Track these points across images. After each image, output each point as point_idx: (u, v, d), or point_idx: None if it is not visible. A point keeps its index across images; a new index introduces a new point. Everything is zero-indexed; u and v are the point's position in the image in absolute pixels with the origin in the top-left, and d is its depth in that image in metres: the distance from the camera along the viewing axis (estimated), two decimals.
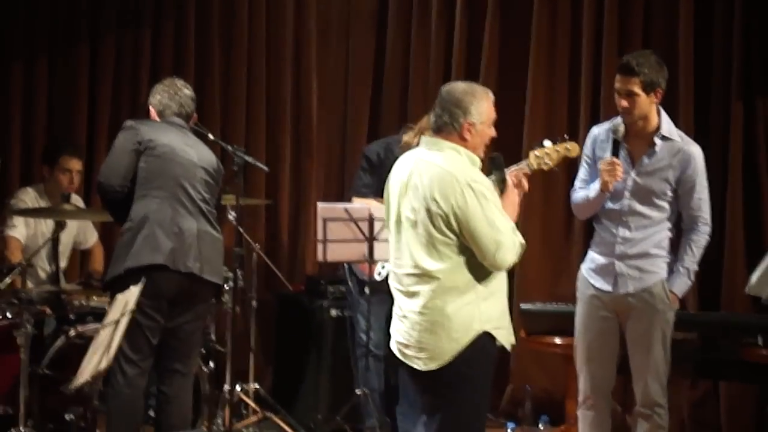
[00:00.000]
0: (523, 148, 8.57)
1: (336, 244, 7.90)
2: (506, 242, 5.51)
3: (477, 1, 9.32)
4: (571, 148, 6.32)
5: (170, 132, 6.82)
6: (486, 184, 5.59)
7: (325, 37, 9.70)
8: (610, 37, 8.91)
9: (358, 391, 8.10)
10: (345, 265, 8.23)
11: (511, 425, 7.69)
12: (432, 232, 5.55)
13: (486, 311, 5.58)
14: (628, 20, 8.94)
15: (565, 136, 6.38)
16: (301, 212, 9.56)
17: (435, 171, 5.60)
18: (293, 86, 9.66)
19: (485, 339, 5.58)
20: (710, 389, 8.70)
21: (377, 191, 7.20)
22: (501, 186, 5.86)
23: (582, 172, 6.84)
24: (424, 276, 5.59)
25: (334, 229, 7.89)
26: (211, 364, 7.94)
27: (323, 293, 8.52)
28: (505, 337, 5.69)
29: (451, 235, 5.51)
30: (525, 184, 5.94)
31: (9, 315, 7.44)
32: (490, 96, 5.78)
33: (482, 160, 5.76)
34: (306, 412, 8.45)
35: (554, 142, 6.30)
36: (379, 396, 7.90)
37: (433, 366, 5.60)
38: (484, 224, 5.49)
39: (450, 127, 5.67)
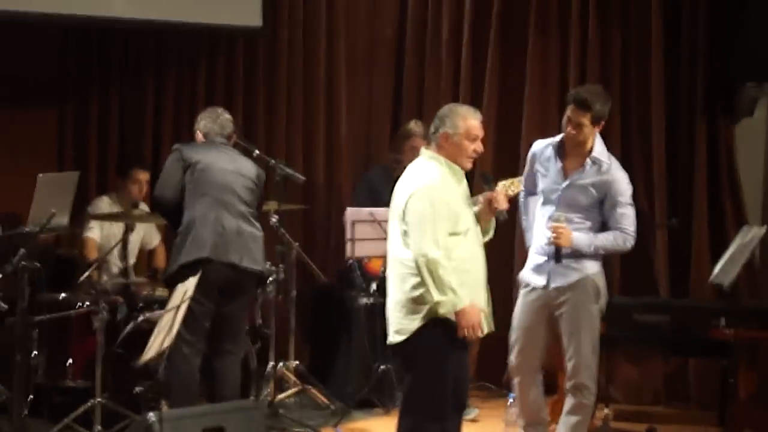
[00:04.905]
0: (520, 160, 8.53)
1: (362, 242, 7.88)
2: (429, 255, 5.46)
3: (480, 32, 9.22)
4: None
5: (212, 150, 6.91)
6: (438, 192, 5.57)
7: (352, 66, 9.63)
8: (592, 65, 8.85)
9: (381, 367, 8.10)
10: (354, 264, 8.32)
11: (512, 395, 7.58)
12: (401, 226, 5.60)
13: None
14: (607, 50, 8.87)
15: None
16: (332, 216, 9.51)
17: (406, 177, 5.72)
18: (325, 110, 9.57)
19: (444, 321, 5.53)
20: (681, 364, 8.65)
21: None
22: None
23: (525, 183, 6.76)
24: (396, 262, 5.64)
25: (361, 229, 7.86)
26: (258, 344, 7.93)
27: (353, 284, 8.44)
28: None
29: None
30: (503, 202, 5.87)
31: (87, 303, 7.42)
32: (475, 115, 5.78)
33: (471, 173, 5.78)
34: (339, 386, 8.36)
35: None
36: None
37: (398, 339, 5.61)
38: (419, 226, 5.50)
39: (433, 137, 5.74)
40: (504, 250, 8.49)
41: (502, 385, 8.80)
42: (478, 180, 7.33)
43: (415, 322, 5.55)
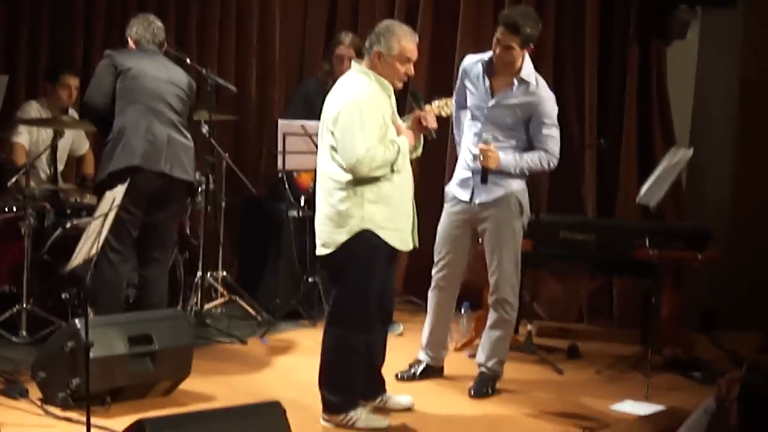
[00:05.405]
0: (453, 78, 8.50)
1: (293, 155, 7.86)
2: (362, 155, 5.48)
3: None
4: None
5: (143, 57, 6.81)
6: (368, 105, 5.57)
7: None
8: None
9: (309, 280, 8.13)
10: (284, 178, 8.28)
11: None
12: (330, 141, 5.61)
13: (371, 212, 5.59)
14: None
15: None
16: (264, 129, 9.48)
17: (335, 91, 5.73)
18: (258, 22, 9.53)
19: (369, 235, 5.60)
20: (605, 283, 8.75)
21: None
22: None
23: (456, 97, 6.82)
24: (324, 175, 5.67)
25: (292, 142, 7.84)
26: (187, 254, 7.93)
27: (282, 197, 8.44)
28: (395, 238, 5.71)
29: None
30: (432, 121, 5.89)
31: (15, 209, 7.38)
32: (412, 38, 5.76)
33: (402, 93, 5.78)
34: (266, 297, 8.41)
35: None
36: None
37: (325, 252, 5.68)
38: (349, 135, 5.50)
39: (366, 51, 5.75)
40: (434, 168, 8.53)
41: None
42: (409, 98, 7.33)
43: (341, 235, 5.60)
